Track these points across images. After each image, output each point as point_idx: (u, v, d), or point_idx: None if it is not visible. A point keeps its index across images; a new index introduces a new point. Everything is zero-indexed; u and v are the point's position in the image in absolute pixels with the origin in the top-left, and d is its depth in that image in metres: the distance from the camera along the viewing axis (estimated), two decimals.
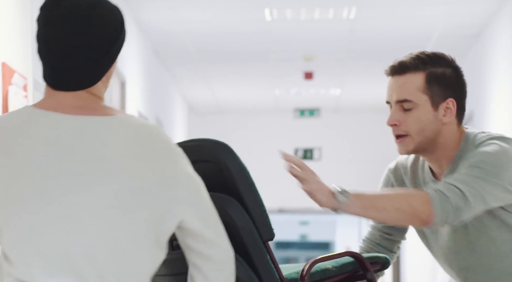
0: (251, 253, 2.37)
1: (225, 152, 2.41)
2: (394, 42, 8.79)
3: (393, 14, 7.80)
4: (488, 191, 2.38)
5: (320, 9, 7.66)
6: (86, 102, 2.13)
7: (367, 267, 2.45)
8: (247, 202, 2.39)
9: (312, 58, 9.49)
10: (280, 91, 11.35)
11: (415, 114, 2.48)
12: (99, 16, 2.12)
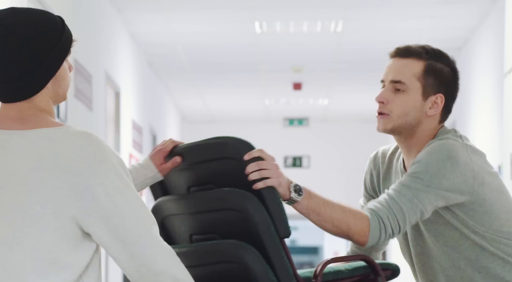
0: (268, 248, 2.35)
1: (247, 150, 2.41)
2: (379, 54, 8.81)
3: (379, 27, 7.83)
4: (427, 202, 2.41)
5: (308, 22, 7.69)
6: (24, 113, 2.15)
7: (378, 272, 2.46)
8: (266, 199, 2.37)
9: (301, 70, 9.52)
10: (270, 101, 11.37)
11: (404, 98, 2.50)
12: (23, 31, 2.12)
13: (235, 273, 2.39)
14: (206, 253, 2.45)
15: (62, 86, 2.20)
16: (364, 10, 7.33)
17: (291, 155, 12.69)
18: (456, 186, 2.42)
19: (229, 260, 2.40)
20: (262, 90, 10.74)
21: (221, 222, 2.45)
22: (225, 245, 2.41)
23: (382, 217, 2.42)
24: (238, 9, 7.33)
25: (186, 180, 2.56)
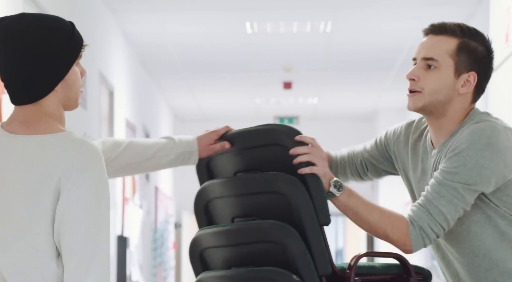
0: (308, 232, 2.35)
1: (294, 137, 2.41)
2: (368, 54, 8.83)
3: (367, 28, 7.84)
4: (468, 197, 2.36)
5: (298, 23, 7.70)
6: (30, 117, 2.15)
7: (410, 272, 2.44)
8: (310, 186, 2.38)
9: (291, 69, 9.52)
10: (260, 100, 11.37)
11: (436, 75, 2.42)
12: (31, 36, 2.10)
13: (273, 253, 2.38)
14: (248, 232, 2.44)
15: (73, 90, 2.17)
16: (353, 11, 7.34)
17: None
18: (498, 172, 2.35)
19: (269, 240, 2.39)
20: (253, 90, 10.74)
21: (264, 205, 2.44)
22: (267, 224, 2.40)
23: (422, 226, 2.37)
24: (230, 10, 7.32)
25: (233, 165, 2.55)
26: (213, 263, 2.56)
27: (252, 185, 2.47)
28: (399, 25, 7.71)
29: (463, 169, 2.34)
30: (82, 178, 2.05)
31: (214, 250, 2.52)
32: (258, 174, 2.46)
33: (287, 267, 2.35)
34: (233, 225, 2.48)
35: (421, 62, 2.44)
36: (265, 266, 2.40)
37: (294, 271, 2.34)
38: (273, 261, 2.38)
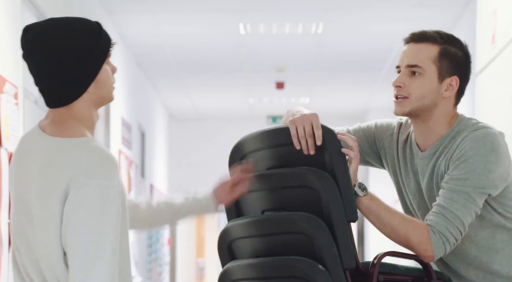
0: (335, 227, 2.37)
1: (329, 135, 2.43)
2: (358, 55, 8.86)
3: (357, 29, 7.86)
4: (479, 200, 2.40)
5: (290, 24, 7.72)
6: (60, 119, 2.16)
7: (432, 275, 2.46)
8: (340, 183, 2.40)
9: (283, 69, 9.54)
10: (253, 100, 11.39)
11: (421, 81, 2.46)
12: (59, 39, 2.12)
13: (300, 244, 2.40)
14: (278, 222, 2.46)
15: (106, 88, 2.19)
16: (344, 13, 7.36)
17: None
18: (501, 175, 2.41)
19: (298, 231, 2.40)
20: (246, 89, 10.75)
21: (294, 199, 2.46)
22: (297, 215, 2.42)
23: (442, 231, 2.40)
24: (223, 11, 7.34)
25: (265, 162, 2.56)
26: (240, 254, 2.57)
27: (284, 179, 2.48)
28: (389, 27, 7.73)
29: (473, 174, 2.39)
30: (88, 184, 2.05)
31: (242, 241, 2.53)
32: (290, 169, 2.47)
33: (313, 258, 2.37)
34: (263, 215, 2.50)
35: (406, 70, 2.49)
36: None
37: (320, 262, 2.36)
38: (300, 252, 2.40)
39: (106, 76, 2.19)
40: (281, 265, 2.43)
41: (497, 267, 2.45)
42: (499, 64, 3.60)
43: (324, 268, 2.34)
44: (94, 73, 2.15)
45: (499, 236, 2.45)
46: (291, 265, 2.39)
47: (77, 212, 2.05)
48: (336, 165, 2.40)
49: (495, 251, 2.46)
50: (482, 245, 2.46)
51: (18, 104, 4.28)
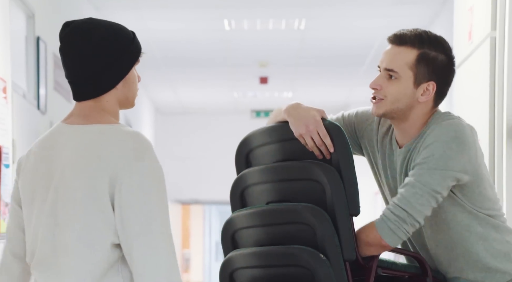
0: (338, 219, 2.37)
1: (335, 130, 2.43)
2: (340, 50, 8.88)
3: (339, 25, 7.88)
4: (438, 186, 2.37)
5: (274, 20, 7.73)
6: (89, 111, 2.22)
7: (427, 272, 2.47)
8: (344, 177, 2.39)
9: (267, 64, 9.55)
10: (238, 94, 11.40)
11: (397, 85, 2.44)
12: (97, 36, 2.19)
13: (303, 234, 2.41)
14: (281, 213, 2.46)
15: (132, 90, 2.25)
16: (326, 9, 7.38)
17: None
18: (462, 165, 2.38)
19: (301, 221, 2.40)
20: (231, 84, 10.76)
21: (299, 191, 2.46)
22: (300, 206, 2.42)
23: (390, 218, 2.39)
24: (208, 7, 7.34)
25: (271, 156, 2.56)
26: (243, 244, 2.57)
27: (289, 172, 2.48)
28: (370, 23, 7.76)
29: (431, 159, 2.38)
30: (141, 166, 2.11)
31: (246, 231, 2.54)
32: (296, 162, 2.47)
33: (315, 248, 2.37)
34: (267, 206, 2.50)
35: (383, 72, 2.48)
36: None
37: (321, 252, 2.36)
38: (302, 242, 2.40)
39: (134, 78, 2.26)
40: (283, 253, 2.43)
41: (475, 257, 2.46)
42: (476, 60, 3.62)
43: (325, 257, 2.35)
44: (125, 71, 2.22)
45: (473, 229, 2.45)
46: (293, 253, 2.39)
47: (135, 193, 2.10)
48: (342, 159, 2.40)
49: (470, 243, 2.46)
50: (457, 237, 2.46)
51: (6, 98, 4.27)
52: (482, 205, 2.44)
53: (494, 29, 3.34)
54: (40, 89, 5.34)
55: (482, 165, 2.43)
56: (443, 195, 2.39)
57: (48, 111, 5.56)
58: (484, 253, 2.46)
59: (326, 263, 2.34)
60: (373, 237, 2.40)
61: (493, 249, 2.45)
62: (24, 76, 5.16)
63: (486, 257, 2.46)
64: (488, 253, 2.46)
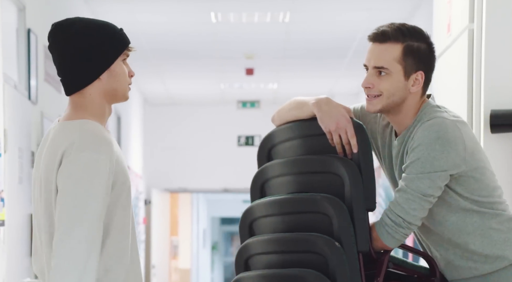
0: (354, 212, 2.38)
1: (358, 129, 2.45)
2: (323, 43, 8.89)
3: (322, 18, 7.89)
4: (428, 189, 2.39)
5: (259, 13, 7.72)
6: (69, 107, 2.25)
7: (436, 273, 2.48)
8: (363, 172, 2.40)
9: (253, 56, 9.54)
10: (224, 85, 11.39)
11: (389, 80, 2.46)
12: (73, 32, 2.21)
13: (320, 223, 2.42)
14: (300, 202, 2.47)
15: (119, 82, 2.24)
16: (310, 2, 7.38)
17: (244, 134, 12.74)
18: (450, 162, 2.40)
19: (319, 210, 2.42)
20: (218, 76, 10.75)
21: (319, 183, 2.47)
22: (319, 196, 2.43)
23: (386, 223, 2.42)
24: (196, 1, 7.33)
25: (293, 151, 2.56)
26: (260, 232, 2.57)
27: (310, 164, 2.48)
28: (352, 16, 7.77)
29: (418, 162, 2.40)
30: (78, 156, 2.11)
31: (264, 219, 2.54)
32: (317, 156, 2.48)
33: (331, 237, 2.39)
34: (286, 195, 2.50)
35: (373, 70, 2.49)
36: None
37: (337, 240, 2.37)
38: (318, 231, 2.41)
39: (120, 71, 2.25)
40: (299, 239, 2.43)
41: (472, 247, 2.47)
42: (454, 52, 3.64)
43: (340, 246, 2.37)
44: (107, 63, 2.22)
45: (469, 219, 2.45)
46: (310, 240, 2.40)
47: (66, 180, 2.10)
48: (362, 156, 2.42)
49: (467, 233, 2.46)
50: (453, 229, 2.46)
51: None
52: (480, 193, 2.45)
53: (472, 21, 3.35)
54: (31, 80, 5.33)
55: (476, 154, 2.44)
56: (435, 196, 2.42)
57: (39, 102, 5.55)
58: (481, 243, 2.46)
59: (341, 251, 2.35)
60: (376, 236, 2.43)
61: (491, 237, 2.46)
62: (16, 68, 5.14)
63: (483, 246, 2.46)
64: (485, 242, 2.46)
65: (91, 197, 2.08)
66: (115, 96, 2.26)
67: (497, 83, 3.22)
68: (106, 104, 2.25)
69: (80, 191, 2.08)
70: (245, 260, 2.57)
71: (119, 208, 2.16)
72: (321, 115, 2.47)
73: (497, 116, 3.16)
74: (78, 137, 2.14)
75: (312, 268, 2.39)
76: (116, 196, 2.15)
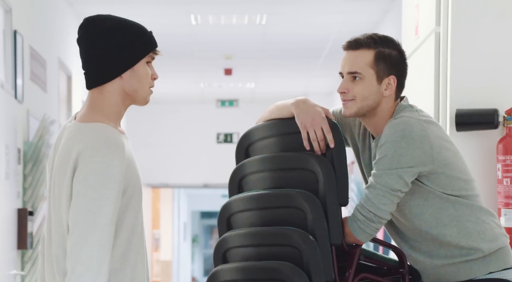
0: (328, 207, 2.39)
1: (335, 129, 2.47)
2: (299, 44, 8.90)
3: (298, 21, 7.91)
4: (396, 184, 2.40)
5: (237, 16, 7.73)
6: (88, 106, 2.20)
7: (405, 265, 2.50)
8: (337, 169, 2.41)
9: (231, 57, 9.55)
10: (204, 85, 11.38)
11: (362, 85, 2.49)
12: (106, 29, 2.18)
13: (294, 218, 2.42)
14: (276, 197, 2.47)
15: (141, 83, 2.19)
16: (286, 5, 7.40)
17: (223, 131, 12.74)
18: (416, 159, 2.41)
19: (294, 205, 2.42)
20: (198, 75, 10.74)
21: (294, 180, 2.47)
22: (294, 191, 2.44)
23: (357, 218, 2.43)
24: (176, 3, 7.32)
25: (270, 149, 2.56)
26: (238, 226, 2.57)
27: (286, 161, 2.49)
28: (326, 19, 7.79)
29: (385, 159, 2.42)
30: (92, 161, 2.07)
31: (241, 214, 2.54)
32: (293, 153, 2.49)
33: (305, 231, 2.39)
34: (263, 191, 2.51)
35: (347, 76, 2.52)
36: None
37: (311, 235, 2.38)
38: (293, 225, 2.42)
39: (144, 72, 2.20)
40: (275, 233, 2.44)
41: (449, 239, 2.48)
42: (422, 54, 3.66)
43: (314, 239, 2.38)
44: (130, 62, 2.17)
45: (445, 211, 2.47)
46: (285, 233, 2.41)
47: (80, 185, 2.07)
48: (336, 154, 2.43)
49: (443, 225, 2.47)
50: (430, 221, 2.47)
51: None
52: (452, 187, 2.46)
53: (438, 24, 3.38)
54: (17, 79, 5.30)
55: (445, 151, 2.45)
56: (403, 190, 2.43)
57: (25, 101, 5.52)
58: (457, 234, 2.47)
59: (315, 244, 2.36)
60: (348, 231, 2.44)
61: (466, 229, 2.47)
62: (2, 68, 5.11)
63: (459, 238, 2.47)
64: (461, 234, 2.47)
65: (105, 202, 2.06)
66: (134, 98, 2.21)
67: (462, 84, 3.25)
68: (123, 104, 2.20)
69: (94, 196, 2.05)
70: (223, 252, 2.57)
71: (130, 210, 2.14)
72: (298, 112, 2.49)
73: (462, 115, 3.19)
74: (92, 142, 2.09)
75: (287, 261, 2.40)
76: (128, 199, 2.13)
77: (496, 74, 3.23)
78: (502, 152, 3.08)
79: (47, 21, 6.34)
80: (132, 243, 2.13)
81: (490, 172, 3.13)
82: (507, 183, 3.03)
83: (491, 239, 2.48)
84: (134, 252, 2.13)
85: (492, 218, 2.51)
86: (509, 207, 3.01)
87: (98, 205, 2.05)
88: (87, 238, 2.04)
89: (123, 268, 2.10)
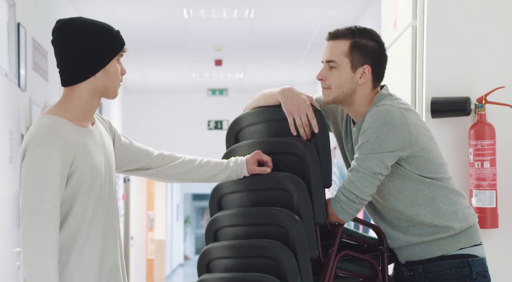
0: (313, 189, 2.40)
1: (319, 115, 2.46)
2: (284, 36, 8.90)
3: (284, 15, 7.90)
4: (377, 167, 2.41)
5: (227, 10, 7.72)
6: (61, 97, 2.22)
7: (384, 242, 2.51)
8: (321, 154, 2.42)
9: (221, 49, 9.53)
10: (195, 75, 11.37)
11: (337, 73, 2.49)
12: (79, 30, 2.18)
13: (281, 198, 2.43)
14: (263, 179, 2.48)
15: (113, 80, 2.21)
16: (272, 0, 7.39)
17: (213, 119, 12.74)
18: (396, 144, 2.42)
19: (281, 187, 2.43)
20: (189, 66, 10.73)
21: (280, 163, 2.48)
22: (281, 174, 2.45)
23: (340, 199, 2.44)
24: None
25: (258, 134, 2.57)
26: (228, 207, 2.58)
27: (274, 146, 2.50)
28: (310, 13, 7.79)
29: (367, 144, 2.42)
30: (35, 151, 2.09)
31: (231, 195, 2.54)
32: (280, 138, 2.49)
33: (291, 211, 2.41)
34: (252, 175, 2.51)
35: (325, 64, 2.53)
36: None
37: (296, 214, 2.39)
38: (280, 205, 2.43)
39: (115, 70, 2.22)
40: (263, 213, 2.45)
41: (423, 218, 2.50)
42: (399, 47, 3.67)
43: (299, 219, 2.39)
44: (102, 63, 2.19)
45: (420, 193, 2.48)
46: (273, 213, 2.42)
47: (25, 174, 2.11)
48: (320, 139, 2.44)
49: (418, 205, 2.49)
50: (407, 201, 2.49)
51: None
52: (428, 170, 2.48)
53: (415, 18, 3.39)
54: (20, 69, 5.29)
55: (422, 137, 2.47)
56: (384, 174, 2.44)
57: (28, 89, 5.51)
58: (431, 214, 2.49)
59: (300, 224, 2.37)
60: (331, 211, 2.45)
61: (440, 209, 2.49)
62: (6, 58, 5.10)
63: (433, 217, 2.49)
64: (435, 214, 2.49)
65: (47, 190, 2.09)
66: (105, 93, 2.23)
67: (437, 74, 3.27)
68: (92, 99, 2.22)
69: (37, 183, 2.08)
70: (214, 231, 2.58)
71: (80, 197, 2.16)
72: (285, 100, 2.50)
73: (437, 103, 3.20)
74: (37, 134, 2.12)
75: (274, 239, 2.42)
76: (76, 186, 2.15)
77: (468, 65, 3.25)
78: (473, 137, 3.11)
79: (48, 15, 6.31)
80: (81, 229, 2.15)
81: (463, 155, 3.15)
82: (478, 166, 3.06)
83: (462, 218, 2.50)
84: (83, 236, 2.15)
85: (462, 199, 2.53)
86: (480, 188, 3.04)
87: (42, 192, 2.08)
88: (34, 223, 2.07)
89: (68, 250, 2.14)
